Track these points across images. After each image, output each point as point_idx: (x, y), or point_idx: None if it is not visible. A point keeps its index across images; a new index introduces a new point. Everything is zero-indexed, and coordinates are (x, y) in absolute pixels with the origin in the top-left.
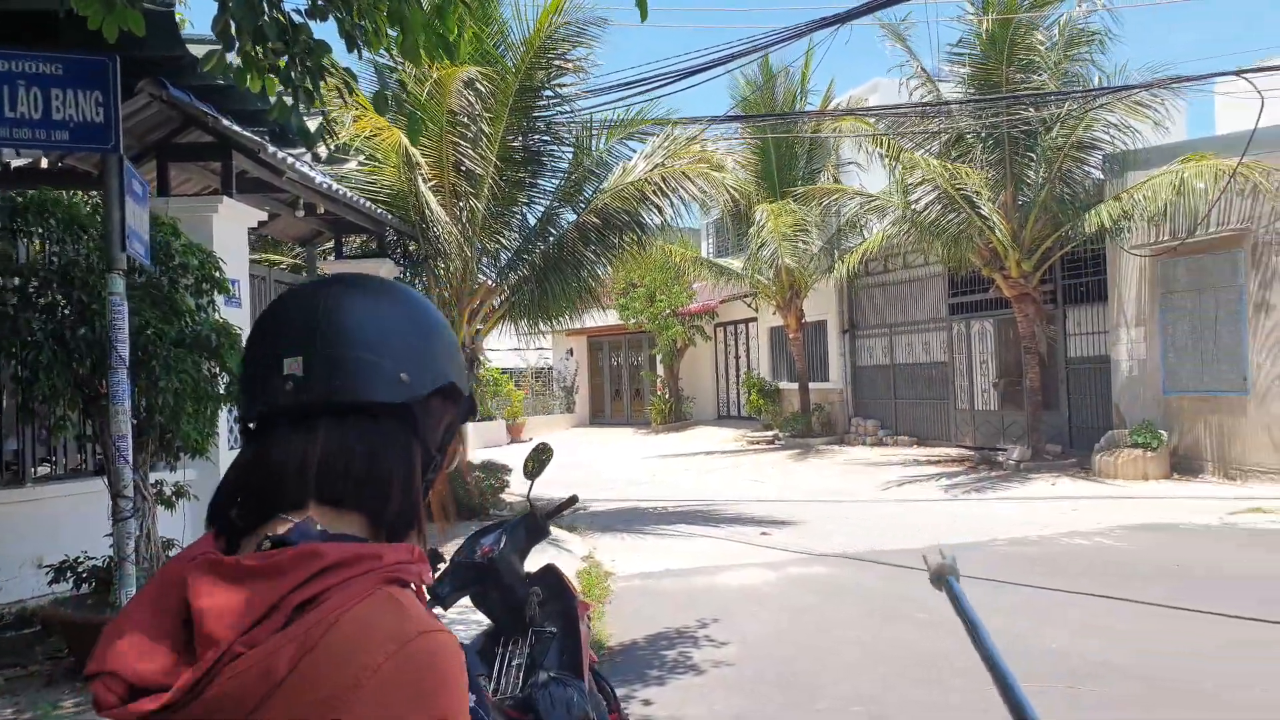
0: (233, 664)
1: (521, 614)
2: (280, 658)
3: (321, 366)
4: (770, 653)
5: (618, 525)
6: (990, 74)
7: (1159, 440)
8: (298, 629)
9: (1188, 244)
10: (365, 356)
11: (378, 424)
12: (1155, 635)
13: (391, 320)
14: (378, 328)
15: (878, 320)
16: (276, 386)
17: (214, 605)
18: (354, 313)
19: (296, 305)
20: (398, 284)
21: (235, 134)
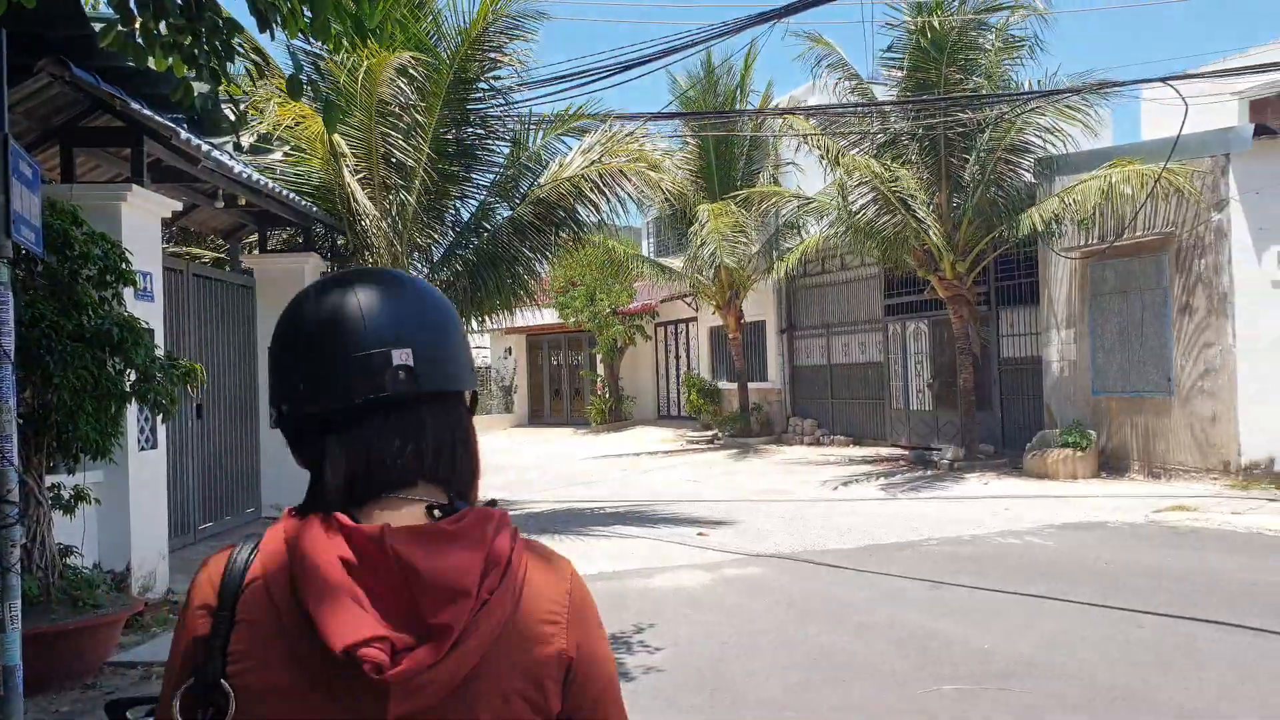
0: (485, 609)
1: None
2: (509, 601)
3: (427, 359)
4: (702, 658)
5: (554, 527)
6: (926, 76)
7: (1088, 440)
8: (512, 578)
9: (1115, 247)
10: (453, 350)
11: (460, 409)
12: (1085, 634)
13: (454, 318)
14: (454, 325)
15: (816, 320)
16: (388, 376)
17: (448, 565)
18: (438, 310)
19: (384, 301)
20: (426, 282)
21: (146, 119)
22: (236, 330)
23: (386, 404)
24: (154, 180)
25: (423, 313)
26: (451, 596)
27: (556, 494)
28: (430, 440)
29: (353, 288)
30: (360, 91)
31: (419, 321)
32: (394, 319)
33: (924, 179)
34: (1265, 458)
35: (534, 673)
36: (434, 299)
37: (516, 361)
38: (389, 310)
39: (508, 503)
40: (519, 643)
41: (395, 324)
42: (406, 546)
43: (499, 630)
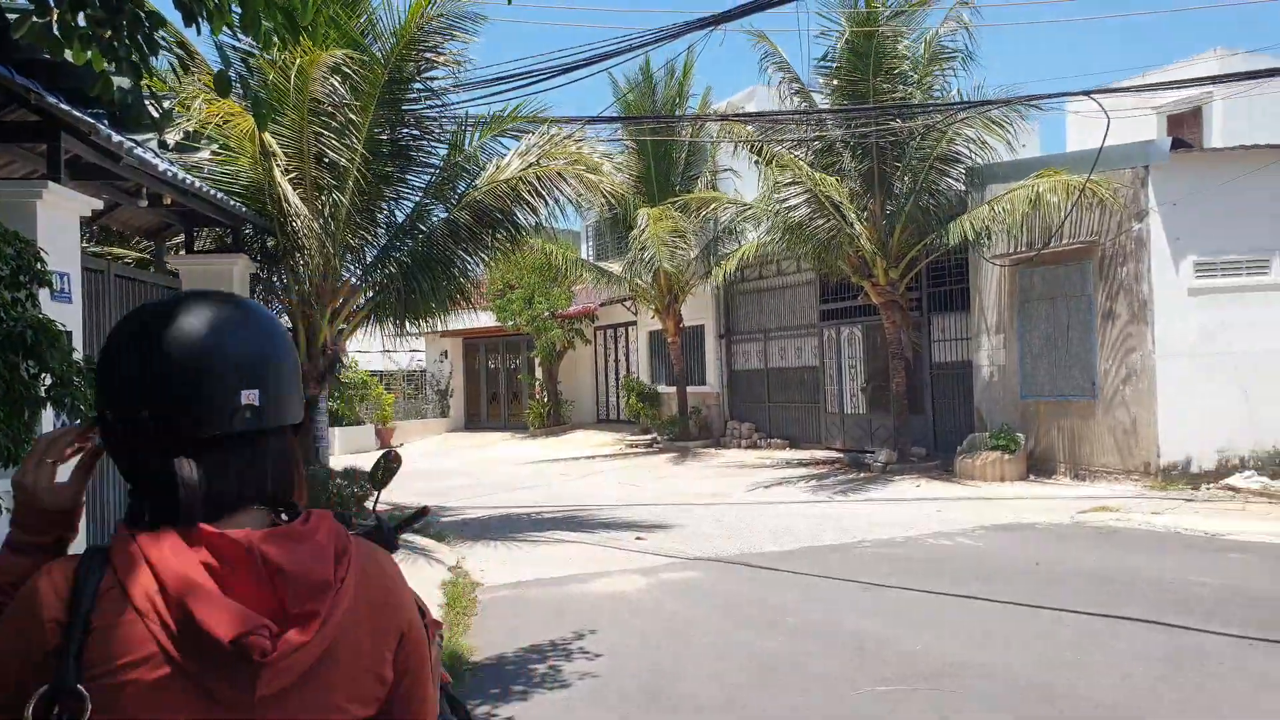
0: (338, 596)
1: None
2: (353, 587)
3: (272, 399)
4: (638, 664)
5: (490, 533)
6: (857, 85)
7: (1016, 443)
8: (356, 566)
9: (1042, 255)
10: (292, 391)
11: (290, 435)
12: (1014, 634)
13: (293, 352)
14: (293, 363)
15: (753, 325)
16: (234, 415)
17: (304, 558)
18: (283, 346)
19: (236, 337)
20: (268, 311)
21: (63, 113)
22: None
23: (232, 436)
24: (73, 178)
25: (272, 350)
26: (316, 587)
27: (493, 499)
28: (270, 467)
29: (205, 318)
30: (292, 90)
31: (267, 359)
32: (245, 357)
33: (858, 186)
34: (1183, 459)
35: (378, 646)
36: (280, 334)
37: (452, 365)
38: (241, 348)
39: (442, 509)
40: (364, 622)
41: (247, 363)
42: (269, 548)
43: (348, 613)
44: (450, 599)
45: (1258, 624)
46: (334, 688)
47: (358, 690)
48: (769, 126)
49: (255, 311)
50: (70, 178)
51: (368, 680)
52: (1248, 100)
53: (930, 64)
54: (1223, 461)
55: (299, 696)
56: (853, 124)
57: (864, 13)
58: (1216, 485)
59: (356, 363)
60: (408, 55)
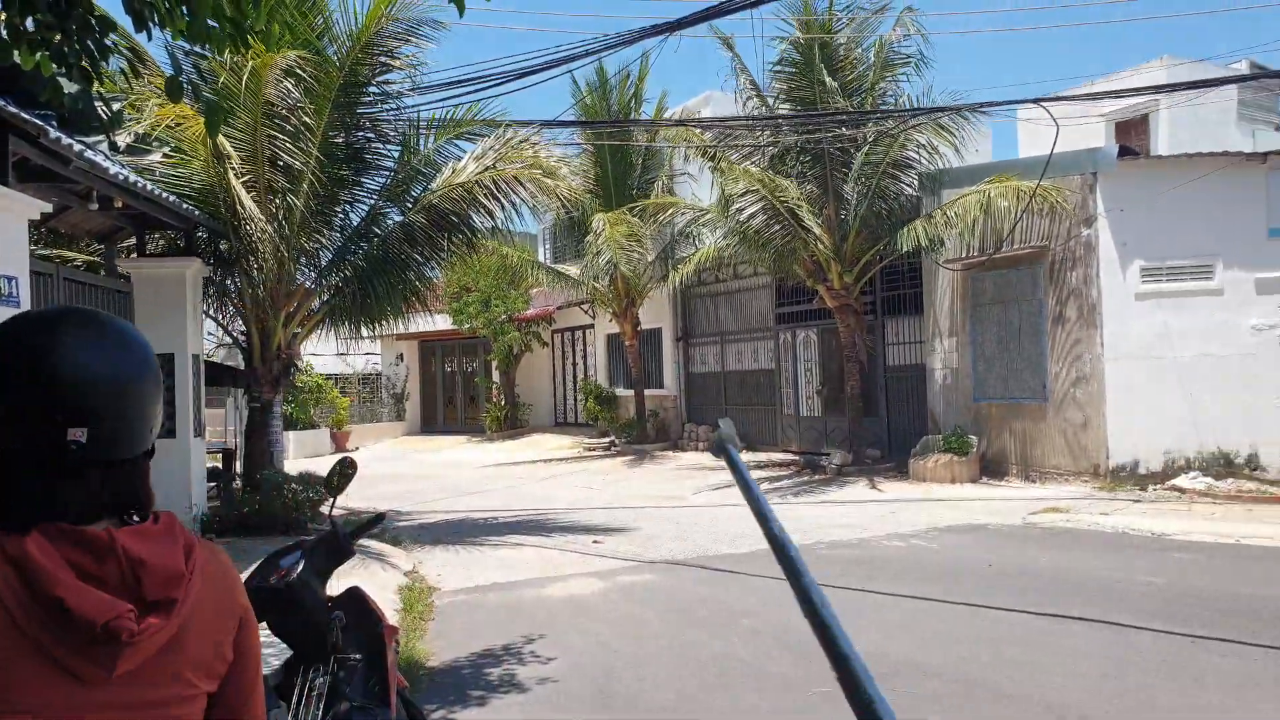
0: (191, 580)
1: (324, 641)
2: (199, 578)
3: (105, 436)
4: (594, 667)
5: (447, 538)
6: (810, 91)
7: (969, 445)
8: (200, 556)
9: (994, 259)
10: (136, 425)
11: (136, 464)
12: (963, 634)
13: (151, 379)
14: (150, 388)
15: (710, 328)
16: (60, 449)
17: (160, 552)
18: (136, 375)
19: (80, 367)
20: (130, 328)
21: (11, 116)
22: None
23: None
24: (21, 180)
25: (118, 380)
26: (172, 576)
27: (449, 504)
28: (107, 494)
29: (54, 343)
30: (245, 93)
31: (113, 389)
32: (83, 390)
33: (812, 191)
34: (1130, 460)
35: (221, 629)
36: (136, 361)
37: (409, 368)
38: (82, 380)
39: (397, 514)
40: (211, 607)
41: (84, 395)
42: (129, 542)
43: (196, 600)
44: (406, 604)
45: (1200, 622)
46: (183, 663)
47: (203, 666)
48: (725, 132)
49: (113, 330)
50: (18, 180)
51: (210, 657)
52: (1193, 109)
53: (883, 70)
54: (1169, 463)
55: (153, 671)
56: (805, 130)
57: (817, 20)
58: (1163, 486)
59: (311, 366)
60: (364, 59)
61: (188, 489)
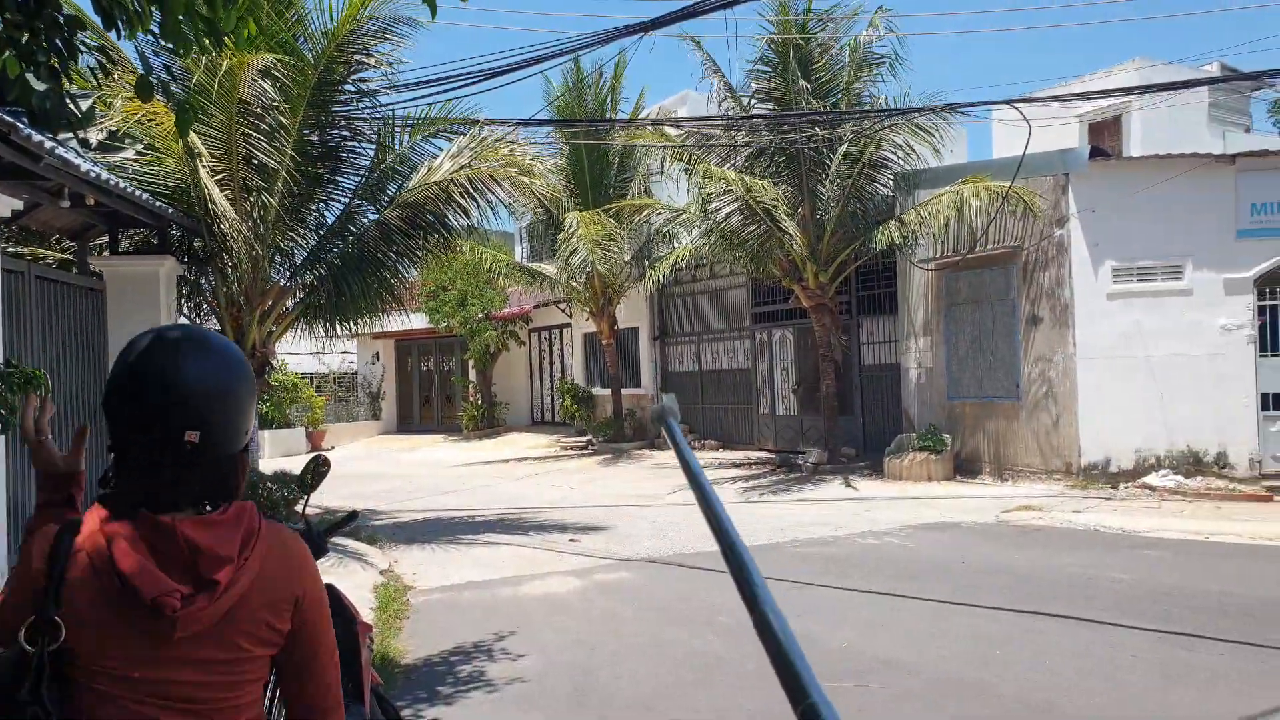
0: (244, 567)
1: None
2: (257, 562)
3: (212, 439)
4: (569, 664)
5: (423, 536)
6: (786, 92)
7: (943, 444)
8: (261, 546)
9: (968, 259)
10: (236, 423)
11: (234, 459)
12: (940, 631)
13: (244, 389)
14: (244, 396)
15: (687, 328)
16: (177, 448)
17: (216, 539)
18: (233, 386)
19: (190, 377)
20: (231, 346)
21: None
22: (85, 336)
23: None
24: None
25: (225, 391)
26: (221, 561)
27: (425, 503)
28: (201, 483)
29: (178, 361)
30: (219, 92)
31: (220, 399)
32: (199, 401)
33: (788, 191)
34: (1102, 459)
35: (275, 605)
36: (238, 374)
37: (385, 367)
38: (198, 392)
39: (374, 512)
40: (266, 587)
41: (195, 406)
42: (189, 530)
43: (253, 580)
44: (382, 602)
45: (1170, 618)
46: (237, 632)
47: (256, 636)
48: (701, 131)
49: (216, 350)
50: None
51: (264, 630)
52: (1165, 110)
53: (858, 71)
54: (1140, 461)
55: (213, 635)
56: (782, 130)
57: (794, 20)
58: (1134, 484)
59: (286, 365)
60: (339, 57)
61: None
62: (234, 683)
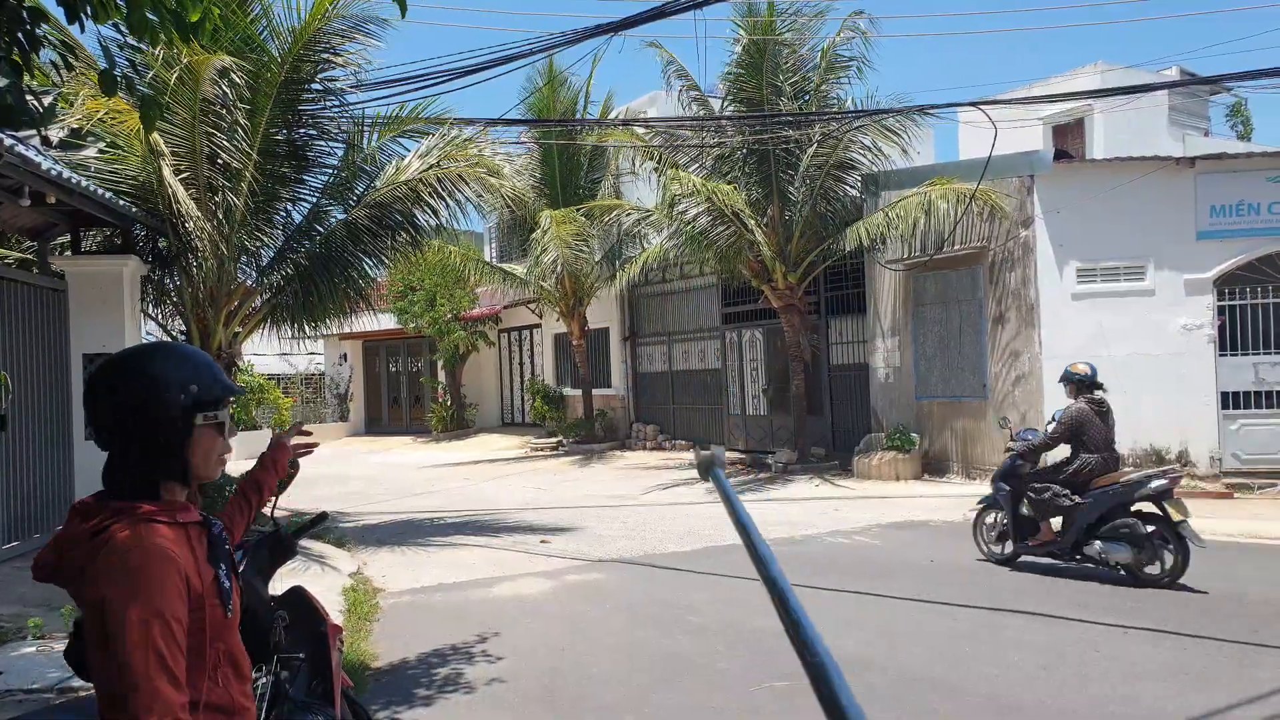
0: (70, 559)
1: (266, 641)
2: (82, 557)
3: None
4: (542, 665)
5: (392, 539)
6: (755, 94)
7: (911, 443)
8: (94, 543)
9: (935, 260)
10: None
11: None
12: (906, 629)
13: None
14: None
15: (657, 328)
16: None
17: (68, 531)
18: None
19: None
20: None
21: None
22: (46, 336)
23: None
24: None
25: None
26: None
27: (394, 505)
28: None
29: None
30: (182, 89)
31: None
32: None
33: (757, 194)
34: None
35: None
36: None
37: (352, 368)
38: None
39: (342, 515)
40: (91, 579)
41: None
42: (70, 514)
43: (75, 570)
44: (351, 605)
45: (1131, 613)
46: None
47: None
48: (670, 133)
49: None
50: None
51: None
52: (1127, 113)
53: (827, 72)
54: None
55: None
56: (750, 132)
57: (762, 21)
58: None
59: (253, 366)
60: (306, 55)
61: None
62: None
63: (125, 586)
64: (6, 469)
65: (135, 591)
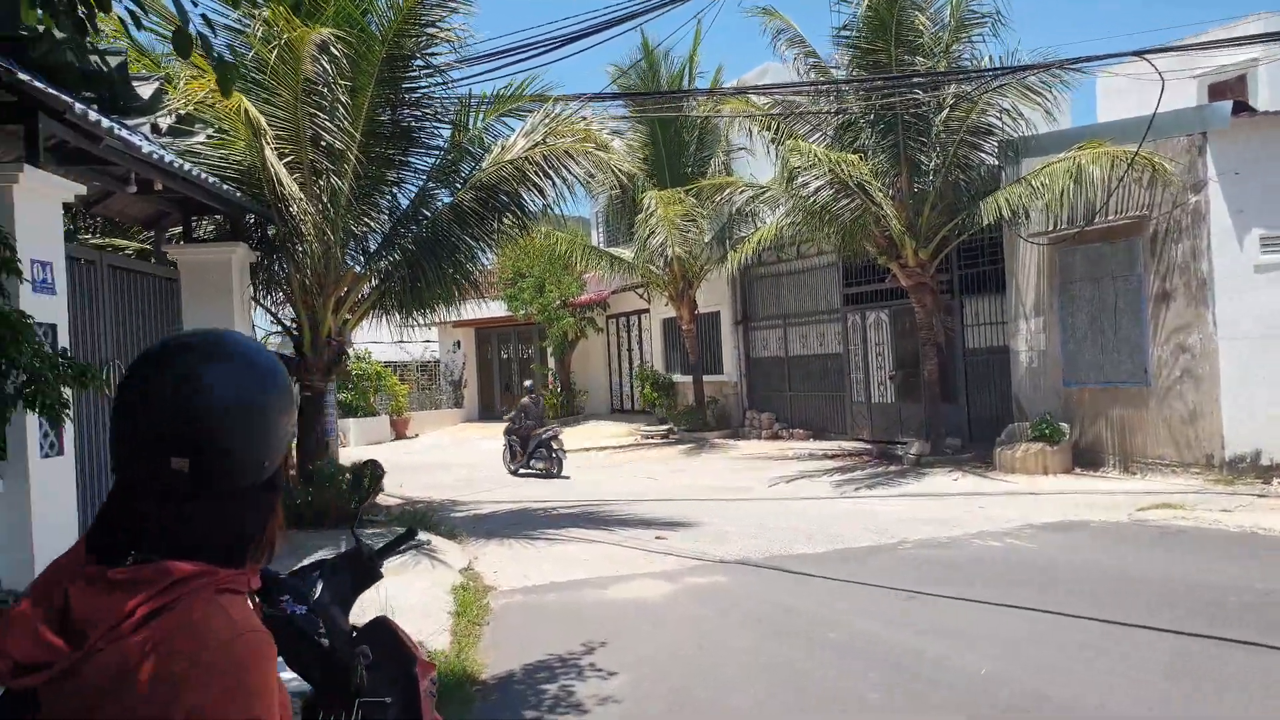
0: (101, 654)
1: (347, 683)
2: (134, 650)
3: (207, 466)
4: (663, 685)
5: (503, 530)
6: (878, 56)
7: (1060, 433)
8: (154, 629)
9: (1086, 232)
10: (239, 453)
11: (242, 497)
12: (1092, 657)
13: (263, 403)
14: (248, 419)
15: (772, 311)
16: (162, 477)
17: (89, 607)
18: (234, 407)
19: (174, 392)
20: (257, 352)
21: (37, 91)
22: (161, 326)
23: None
24: (63, 164)
25: (217, 417)
26: (78, 637)
27: (506, 493)
28: (185, 524)
29: (159, 374)
30: (282, 68)
31: (210, 427)
32: (178, 421)
33: (882, 164)
34: (1251, 451)
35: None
36: (245, 386)
37: (466, 355)
38: (174, 408)
39: (454, 503)
40: (146, 689)
41: (179, 427)
42: (77, 588)
43: (113, 673)
44: (461, 606)
45: None
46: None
47: None
48: (784, 104)
49: (206, 357)
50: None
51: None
52: None
53: (957, 30)
54: None
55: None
56: (875, 97)
57: None
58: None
59: (370, 353)
60: (406, 30)
61: None
62: None
63: (225, 693)
64: None
65: (243, 700)
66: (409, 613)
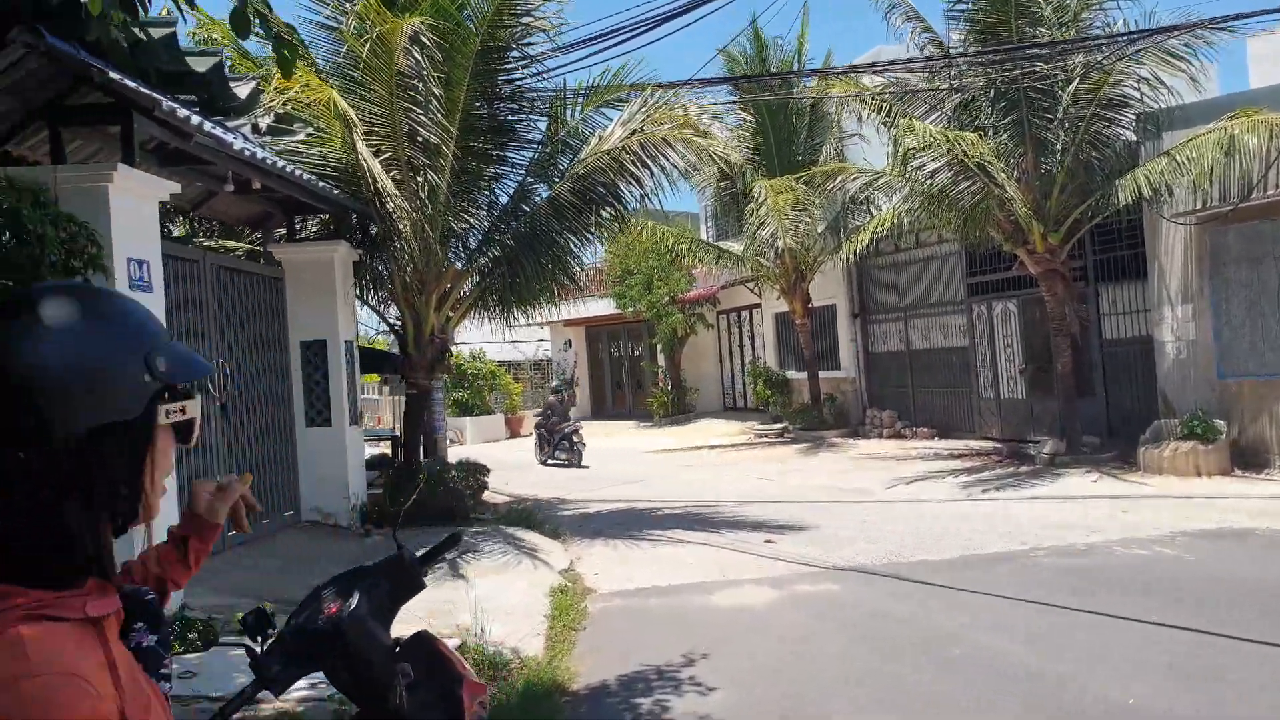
0: None
1: (385, 704)
2: None
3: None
4: (767, 705)
5: (609, 530)
6: (997, 29)
7: (1215, 431)
8: None
9: (1241, 210)
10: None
11: (54, 482)
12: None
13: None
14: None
15: (891, 303)
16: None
17: None
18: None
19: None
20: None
21: (130, 90)
22: (267, 324)
23: None
24: (163, 164)
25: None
26: None
27: (614, 492)
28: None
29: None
30: (375, 62)
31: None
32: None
33: (1005, 143)
34: None
35: None
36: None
37: (576, 354)
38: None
39: (561, 501)
40: None
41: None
42: None
43: None
44: (557, 610)
45: None
46: None
47: None
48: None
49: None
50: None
51: None
52: None
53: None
54: None
55: None
56: (995, 71)
57: None
58: None
59: (484, 352)
60: (501, 20)
61: (345, 479)
62: None
63: None
64: (228, 456)
65: None
66: (506, 615)
